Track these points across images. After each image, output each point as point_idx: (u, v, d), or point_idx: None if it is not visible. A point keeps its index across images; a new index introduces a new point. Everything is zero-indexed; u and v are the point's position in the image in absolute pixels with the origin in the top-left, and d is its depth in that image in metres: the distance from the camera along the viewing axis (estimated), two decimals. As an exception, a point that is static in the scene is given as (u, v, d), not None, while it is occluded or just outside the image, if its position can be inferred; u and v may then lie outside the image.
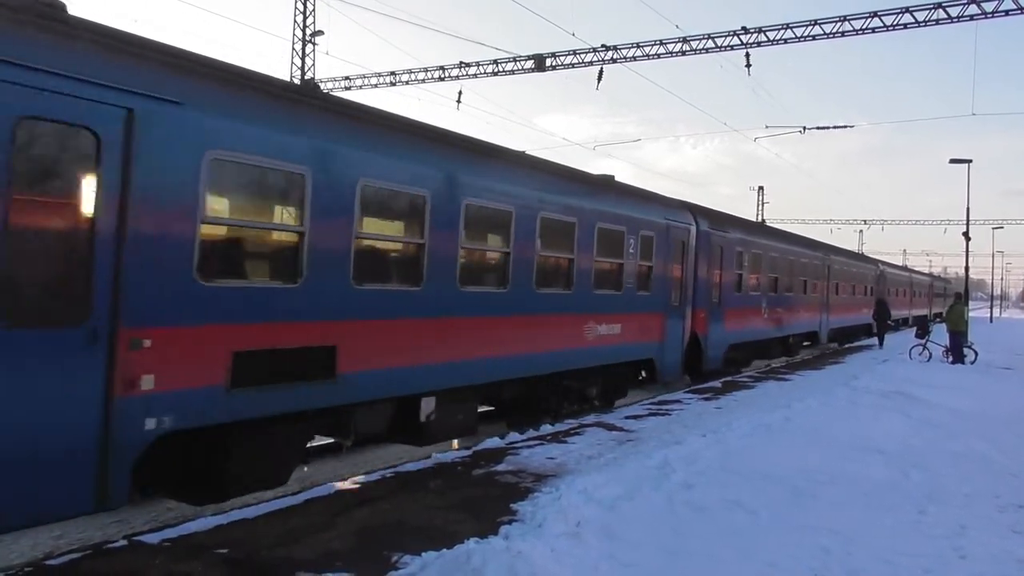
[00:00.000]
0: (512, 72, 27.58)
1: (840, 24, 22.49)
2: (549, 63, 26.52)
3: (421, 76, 29.49)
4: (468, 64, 28.04)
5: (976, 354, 23.10)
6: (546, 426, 11.45)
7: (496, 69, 27.69)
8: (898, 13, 21.56)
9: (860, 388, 15.54)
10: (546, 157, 13.87)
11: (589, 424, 11.70)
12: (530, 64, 26.90)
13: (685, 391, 16.02)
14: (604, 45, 25.26)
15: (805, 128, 30.68)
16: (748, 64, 24.28)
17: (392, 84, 30.34)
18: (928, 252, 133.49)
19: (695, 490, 7.43)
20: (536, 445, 9.97)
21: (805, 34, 22.93)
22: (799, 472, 8.37)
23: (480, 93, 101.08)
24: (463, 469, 8.62)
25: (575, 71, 26.49)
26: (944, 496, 7.80)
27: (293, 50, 31.28)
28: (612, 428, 11.41)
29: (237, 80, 6.78)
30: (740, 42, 23.77)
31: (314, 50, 31.37)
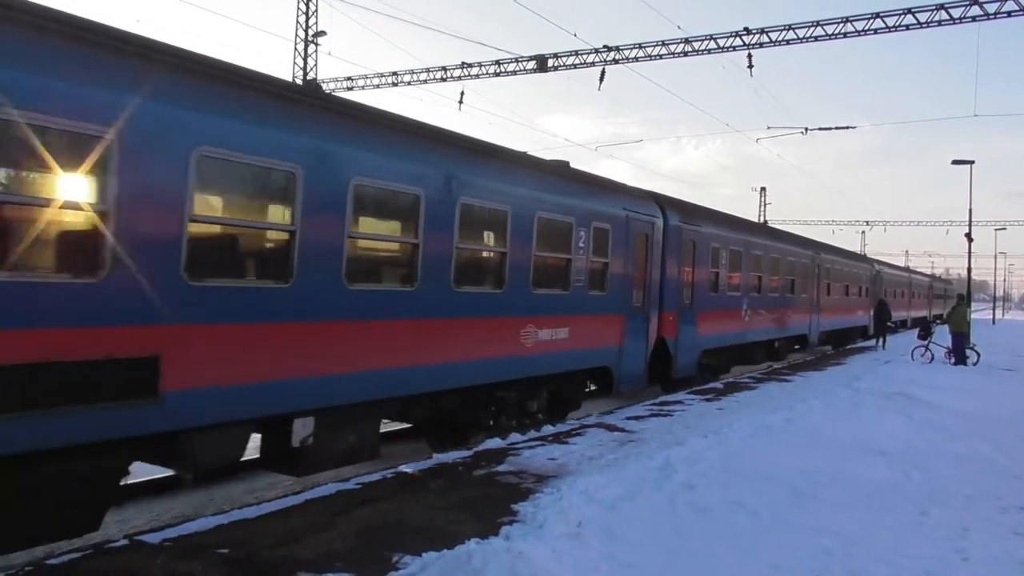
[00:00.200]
0: (514, 72, 27.63)
1: (842, 25, 22.52)
2: (551, 63, 26.55)
3: (423, 76, 29.55)
4: (470, 64, 28.09)
5: (978, 355, 23.06)
6: (547, 427, 11.43)
7: (498, 69, 27.74)
8: (900, 14, 21.58)
9: (862, 389, 15.53)
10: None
11: (590, 425, 11.70)
12: (532, 64, 26.93)
13: (687, 392, 15.98)
14: (606, 46, 25.32)
15: (807, 129, 30.74)
16: (750, 65, 24.38)
17: (394, 84, 30.40)
18: (930, 253, 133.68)
19: (696, 491, 7.43)
20: (537, 446, 9.96)
21: (807, 35, 22.97)
22: (801, 473, 8.37)
23: (482, 94, 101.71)
24: (464, 470, 8.61)
25: (577, 71, 26.58)
26: (946, 497, 7.79)
27: (295, 51, 31.38)
28: (614, 429, 11.41)
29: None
30: (742, 43, 23.82)
31: (316, 51, 31.49)
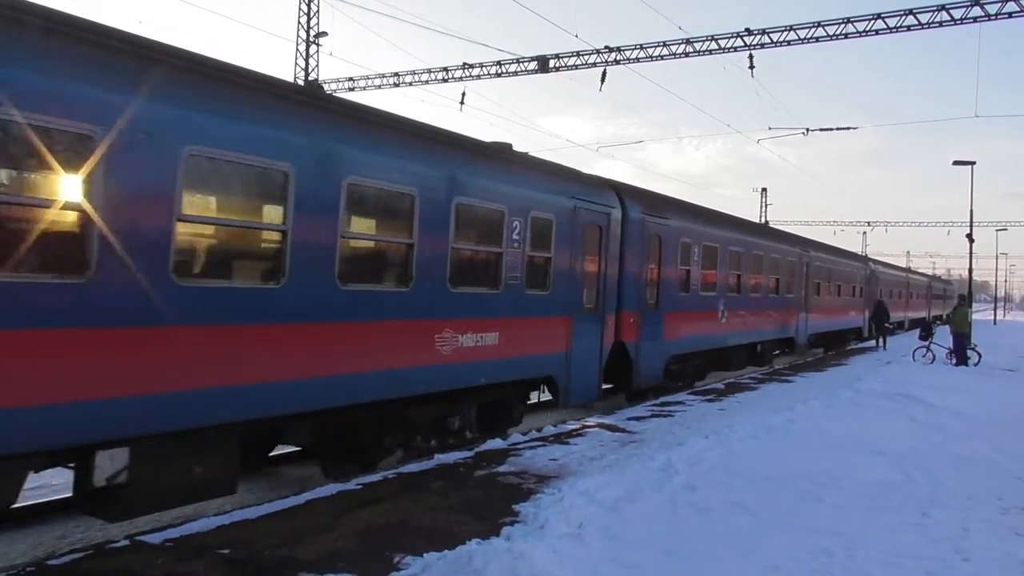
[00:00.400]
0: (515, 73, 27.62)
1: (843, 26, 22.50)
2: (552, 64, 26.54)
3: (425, 77, 29.54)
4: (472, 65, 28.08)
5: (980, 356, 23.06)
6: (548, 427, 11.42)
7: (499, 70, 27.73)
8: (901, 15, 21.57)
9: (863, 390, 15.54)
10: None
11: (592, 425, 11.71)
12: (534, 65, 26.92)
13: (687, 392, 16.00)
14: (607, 46, 25.30)
15: (808, 130, 30.64)
16: (751, 66, 24.38)
17: (396, 85, 30.39)
18: (932, 254, 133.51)
19: (697, 492, 7.44)
20: (539, 446, 9.97)
21: (808, 36, 22.94)
22: (802, 474, 8.38)
23: (483, 94, 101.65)
24: (465, 470, 8.62)
25: (578, 72, 26.53)
26: (947, 498, 7.78)
27: (297, 51, 31.39)
28: (615, 429, 11.42)
29: None
30: (743, 43, 23.80)
31: (318, 51, 31.49)
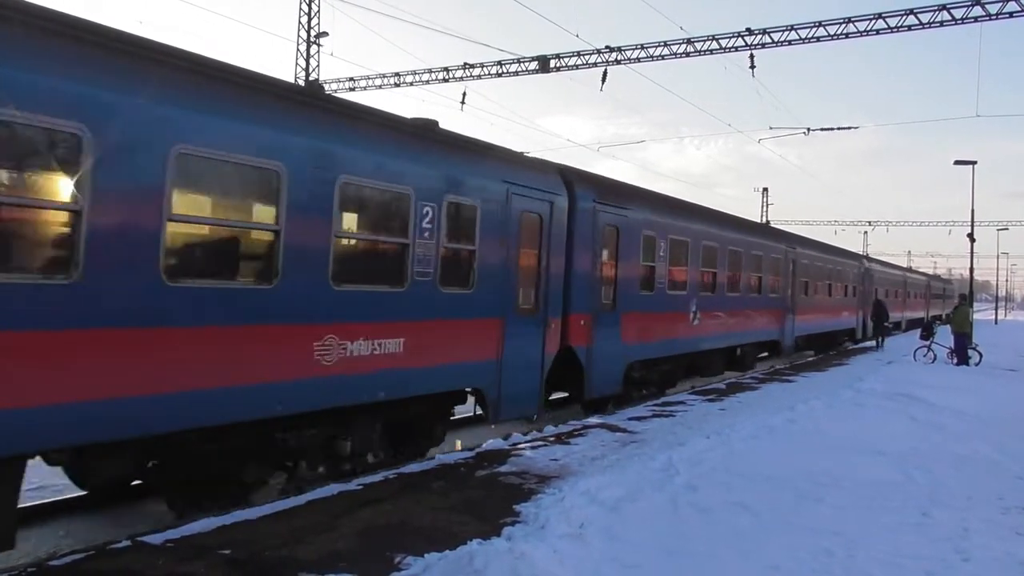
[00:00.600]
0: (516, 73, 27.61)
1: (844, 25, 22.48)
2: (553, 64, 26.53)
3: (426, 77, 29.53)
4: (472, 65, 28.07)
5: (981, 356, 23.06)
6: (549, 427, 11.42)
7: (500, 70, 27.72)
8: (902, 14, 21.55)
9: (864, 390, 15.54)
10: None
11: (593, 425, 11.71)
12: (534, 65, 26.91)
13: (690, 392, 15.97)
14: (608, 46, 25.27)
15: (809, 129, 30.60)
16: (752, 65, 24.38)
17: (396, 85, 30.39)
18: (933, 253, 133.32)
19: (698, 492, 7.44)
20: (540, 446, 9.98)
21: (809, 35, 22.92)
22: (802, 474, 8.38)
23: (484, 94, 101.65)
24: (466, 471, 8.62)
25: (579, 72, 26.52)
26: (947, 498, 7.79)
27: (298, 51, 31.39)
28: (616, 429, 11.42)
29: None
30: (744, 43, 23.79)
31: (319, 51, 31.50)
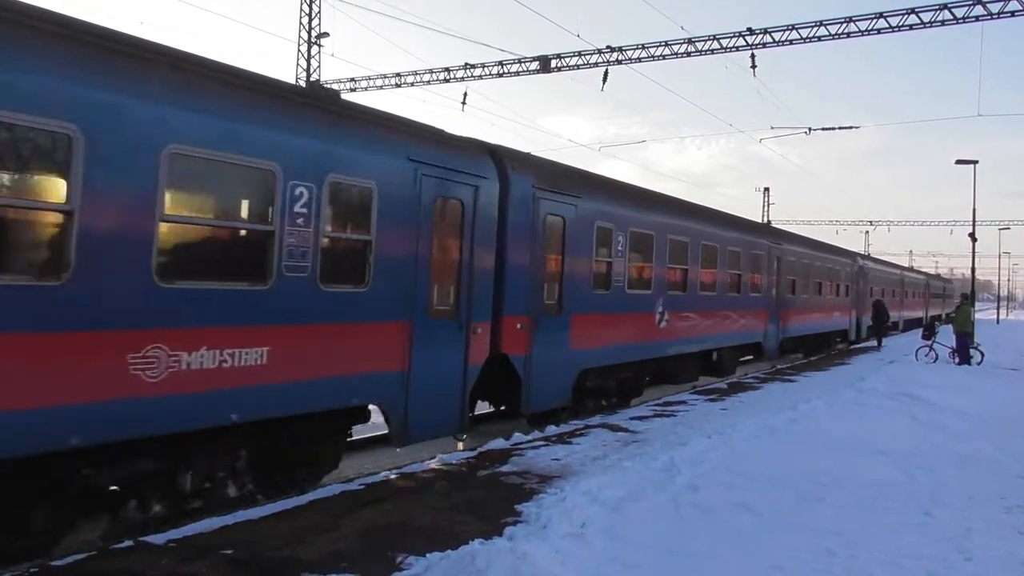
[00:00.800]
0: (517, 73, 27.59)
1: (845, 25, 22.46)
2: (554, 64, 26.53)
3: (427, 78, 29.53)
4: (473, 65, 28.07)
5: (983, 355, 23.04)
6: (551, 427, 11.42)
7: (501, 70, 27.72)
8: (904, 14, 21.53)
9: (866, 390, 15.52)
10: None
11: (594, 425, 11.70)
12: (535, 65, 26.90)
13: (692, 392, 15.95)
14: (609, 46, 25.26)
15: (810, 129, 30.61)
16: (753, 65, 24.39)
17: (397, 86, 30.39)
18: (934, 253, 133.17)
19: (700, 492, 7.44)
20: (541, 446, 9.98)
21: (810, 35, 22.89)
22: (804, 474, 8.37)
23: (485, 94, 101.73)
24: (468, 471, 8.63)
25: (580, 72, 26.50)
26: (949, 498, 7.78)
27: (299, 52, 31.39)
28: (617, 429, 11.41)
29: None
30: (745, 43, 23.76)
31: (319, 52, 31.50)
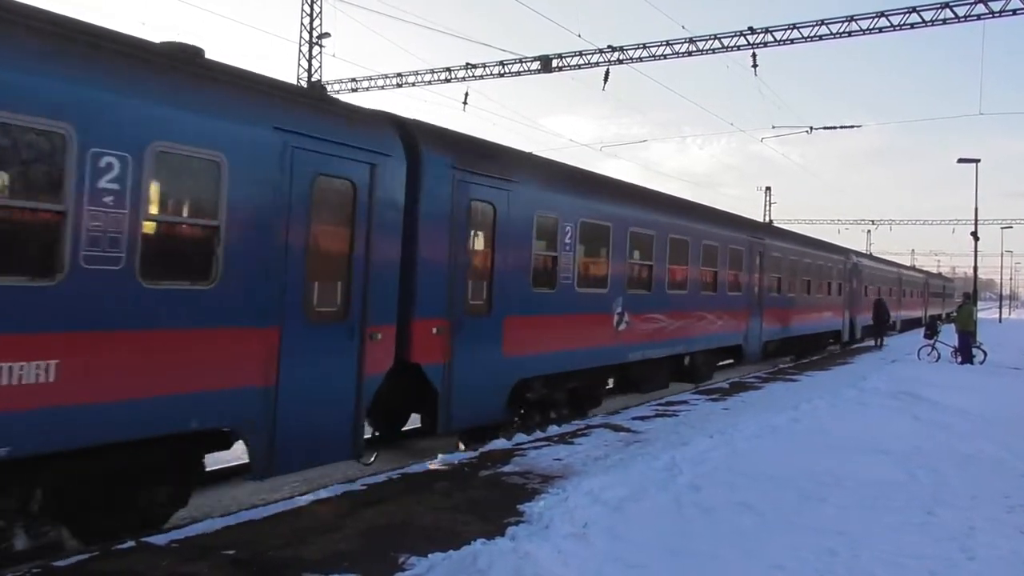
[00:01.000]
0: (518, 73, 27.57)
1: (847, 24, 22.42)
2: (555, 64, 26.50)
3: (428, 78, 29.52)
4: (474, 65, 28.05)
5: (985, 354, 23.01)
6: (553, 427, 11.41)
7: (502, 70, 27.70)
8: (905, 13, 21.49)
9: (868, 389, 15.51)
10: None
11: (596, 425, 11.70)
12: (536, 65, 26.88)
13: (692, 392, 15.92)
14: (610, 46, 25.23)
15: (812, 128, 30.57)
16: (755, 64, 24.37)
17: (399, 86, 30.39)
18: (937, 252, 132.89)
19: (702, 492, 7.43)
20: (543, 446, 9.97)
21: (812, 34, 22.86)
22: (806, 474, 8.37)
23: (486, 94, 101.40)
24: (470, 471, 8.63)
25: (581, 72, 26.44)
26: (952, 497, 7.77)
27: (300, 52, 31.40)
28: (619, 429, 11.41)
29: None
30: (747, 42, 23.73)
31: (321, 52, 31.49)
